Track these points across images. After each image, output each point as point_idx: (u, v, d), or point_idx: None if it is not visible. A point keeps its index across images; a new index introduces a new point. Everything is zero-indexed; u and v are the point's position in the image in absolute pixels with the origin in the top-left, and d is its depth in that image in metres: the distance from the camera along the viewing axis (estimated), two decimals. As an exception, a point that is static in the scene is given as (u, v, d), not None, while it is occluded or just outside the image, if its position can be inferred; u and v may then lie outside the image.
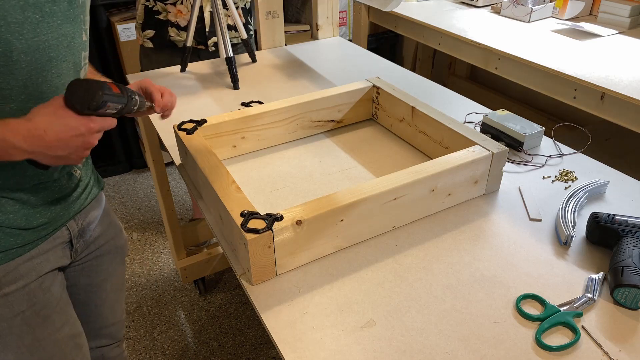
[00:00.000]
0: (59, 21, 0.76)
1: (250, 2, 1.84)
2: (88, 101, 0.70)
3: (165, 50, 1.76)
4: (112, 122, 0.76)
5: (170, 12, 1.76)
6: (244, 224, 0.76)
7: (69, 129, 0.70)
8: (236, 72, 1.45)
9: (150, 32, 1.79)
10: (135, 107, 0.81)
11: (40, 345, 0.91)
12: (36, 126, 0.68)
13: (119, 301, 1.15)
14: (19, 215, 0.82)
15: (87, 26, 0.85)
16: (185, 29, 1.79)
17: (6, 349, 0.88)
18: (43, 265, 0.88)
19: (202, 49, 1.83)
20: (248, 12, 1.86)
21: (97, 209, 1.00)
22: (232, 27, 1.92)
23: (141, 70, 1.91)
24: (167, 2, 1.76)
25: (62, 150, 0.71)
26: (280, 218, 0.77)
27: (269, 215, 0.77)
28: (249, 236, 0.74)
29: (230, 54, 1.46)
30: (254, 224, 0.76)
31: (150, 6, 1.76)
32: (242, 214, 0.78)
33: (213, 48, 1.79)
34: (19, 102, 0.74)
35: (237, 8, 1.88)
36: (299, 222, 0.78)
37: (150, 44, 1.81)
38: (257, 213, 0.78)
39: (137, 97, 0.81)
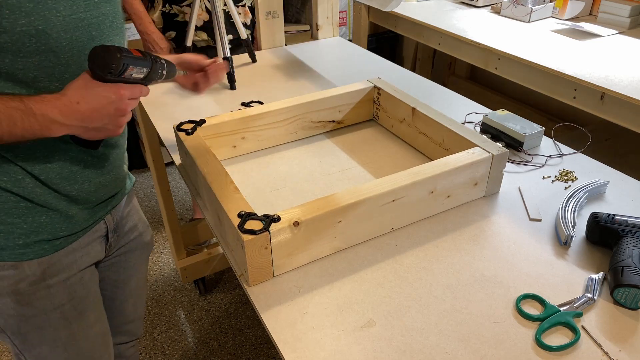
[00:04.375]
0: (95, 0, 0.77)
1: None
2: (108, 65, 0.71)
3: (186, 50, 1.81)
4: (142, 90, 0.77)
5: (187, 14, 1.83)
6: (241, 225, 0.76)
7: (100, 98, 0.71)
8: (233, 72, 1.45)
9: (172, 34, 1.89)
10: (164, 72, 0.81)
11: (75, 340, 0.92)
12: (70, 99, 0.70)
13: (141, 298, 1.17)
14: (70, 203, 0.84)
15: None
16: (203, 28, 1.86)
17: (42, 343, 0.89)
18: (83, 259, 0.90)
19: (215, 47, 1.87)
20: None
21: (129, 205, 1.02)
22: (247, 26, 1.95)
23: None
24: (182, 5, 1.82)
25: (97, 120, 0.72)
26: (278, 219, 0.77)
27: (266, 216, 0.77)
28: (246, 237, 0.74)
29: (228, 53, 1.46)
30: (251, 225, 0.76)
31: (167, 11, 1.85)
32: (240, 215, 0.78)
33: (229, 45, 1.81)
34: (63, 80, 0.75)
35: (244, 5, 1.91)
36: (296, 224, 0.77)
37: (173, 45, 1.90)
38: (254, 214, 0.78)
39: (163, 62, 0.81)
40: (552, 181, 1.04)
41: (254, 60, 1.65)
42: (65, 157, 0.80)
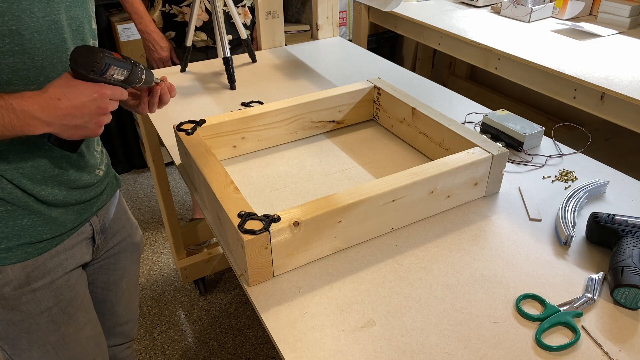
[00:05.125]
0: (67, 3, 0.77)
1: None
2: (91, 63, 0.71)
3: (186, 50, 1.82)
4: (122, 92, 0.77)
5: (186, 14, 1.84)
6: (241, 225, 0.76)
7: (82, 95, 0.71)
8: (233, 72, 1.45)
9: (171, 33, 1.90)
10: (143, 77, 0.83)
11: (65, 343, 0.92)
12: (50, 96, 0.70)
13: (133, 300, 1.16)
14: (54, 197, 0.84)
15: (94, 15, 0.86)
16: (202, 28, 1.87)
17: (32, 347, 0.88)
18: (69, 261, 0.89)
19: (214, 47, 1.87)
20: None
21: (116, 206, 1.02)
22: (246, 26, 1.96)
23: None
24: (182, 5, 1.83)
25: (78, 118, 0.72)
26: (278, 219, 0.77)
27: (266, 216, 0.77)
28: (246, 237, 0.74)
29: (228, 54, 1.46)
30: (251, 225, 0.76)
31: (167, 11, 1.85)
32: (240, 215, 0.78)
33: (229, 45, 1.82)
34: (38, 84, 0.75)
35: (244, 6, 1.92)
36: (296, 224, 0.77)
37: (173, 44, 1.91)
38: (254, 214, 0.78)
39: (142, 67, 0.82)
40: (552, 181, 1.04)
41: (254, 60, 1.65)
42: (37, 162, 0.80)
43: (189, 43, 1.54)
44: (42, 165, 0.80)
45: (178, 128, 1.04)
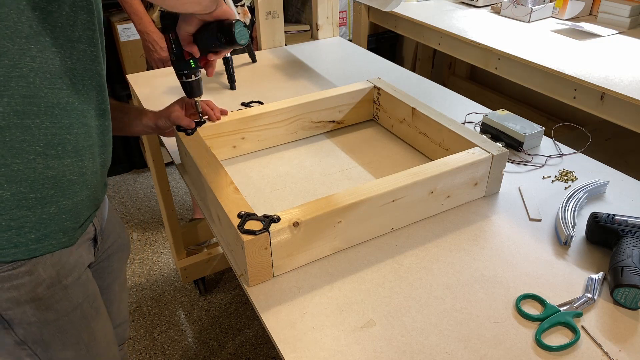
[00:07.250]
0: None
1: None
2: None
3: None
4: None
5: None
6: (240, 226, 0.76)
7: None
8: (233, 72, 1.45)
9: None
10: (200, 90, 1.01)
11: (95, 340, 0.92)
12: None
13: (124, 301, 1.17)
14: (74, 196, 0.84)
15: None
16: None
17: (66, 347, 0.89)
18: (83, 258, 0.90)
19: None
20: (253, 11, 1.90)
21: (106, 208, 1.02)
22: (246, 26, 1.95)
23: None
24: None
25: None
26: (278, 219, 0.77)
27: (266, 216, 0.77)
28: (246, 238, 0.74)
29: (228, 54, 1.46)
30: (251, 225, 0.76)
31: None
32: (239, 215, 0.78)
33: None
34: (98, 46, 0.84)
35: (243, 5, 1.91)
36: (296, 224, 0.77)
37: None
38: (254, 214, 0.78)
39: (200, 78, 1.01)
40: (552, 181, 1.04)
41: (254, 60, 1.65)
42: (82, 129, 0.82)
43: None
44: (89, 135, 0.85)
45: (178, 128, 1.04)
